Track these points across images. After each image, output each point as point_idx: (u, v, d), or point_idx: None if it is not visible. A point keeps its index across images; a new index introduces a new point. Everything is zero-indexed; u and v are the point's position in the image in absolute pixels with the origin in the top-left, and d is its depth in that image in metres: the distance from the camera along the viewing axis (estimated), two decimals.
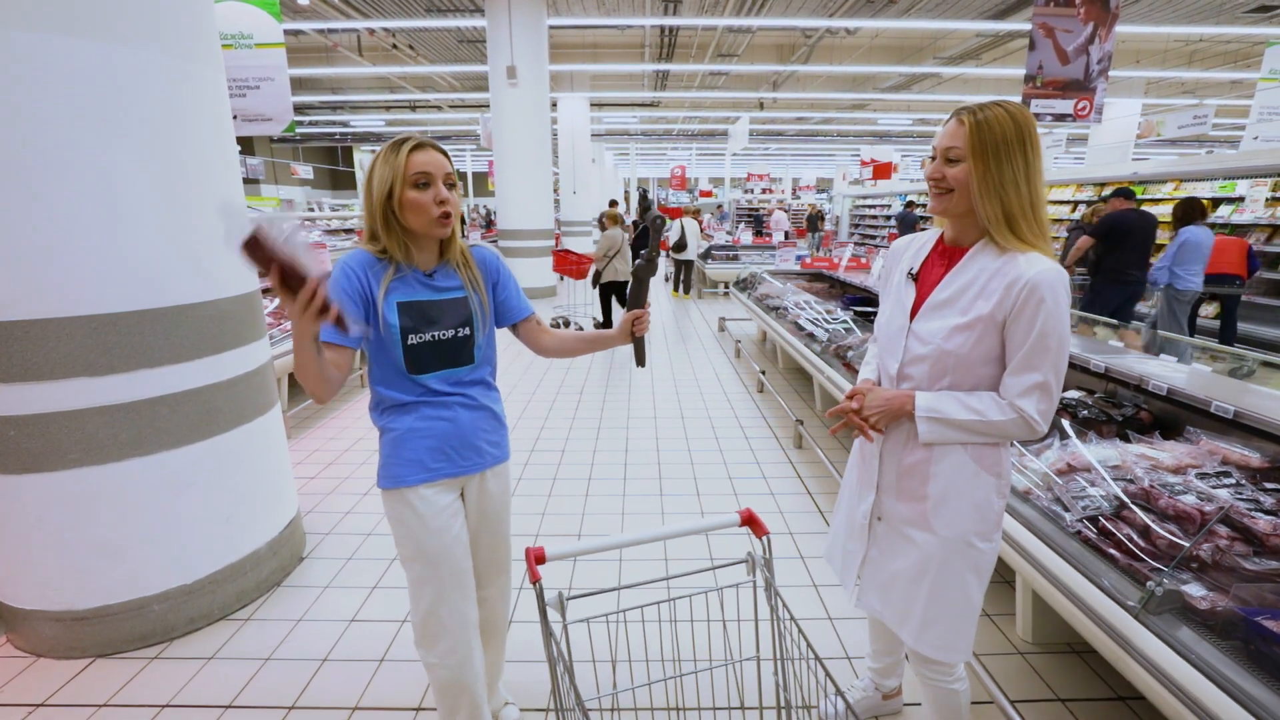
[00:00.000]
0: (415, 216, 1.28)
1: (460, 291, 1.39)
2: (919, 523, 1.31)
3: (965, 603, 1.31)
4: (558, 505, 3.10)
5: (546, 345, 1.56)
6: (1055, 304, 1.13)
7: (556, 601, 0.96)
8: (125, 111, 1.87)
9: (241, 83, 5.98)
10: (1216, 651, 1.27)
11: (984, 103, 1.19)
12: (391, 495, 1.40)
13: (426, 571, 1.40)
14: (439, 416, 1.39)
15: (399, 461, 1.38)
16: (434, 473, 1.39)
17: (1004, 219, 1.17)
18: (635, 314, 1.46)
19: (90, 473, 1.93)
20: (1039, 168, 1.17)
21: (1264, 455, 1.87)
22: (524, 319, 1.53)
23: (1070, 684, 1.92)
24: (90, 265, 1.85)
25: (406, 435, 1.37)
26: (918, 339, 1.28)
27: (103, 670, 1.99)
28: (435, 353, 1.35)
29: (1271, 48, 8.52)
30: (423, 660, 1.46)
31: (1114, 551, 1.60)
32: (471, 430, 1.43)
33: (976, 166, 1.16)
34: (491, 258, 1.49)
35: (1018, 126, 1.15)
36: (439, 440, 1.39)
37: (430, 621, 1.42)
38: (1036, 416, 1.17)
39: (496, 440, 1.51)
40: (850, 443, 3.22)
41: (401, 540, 1.41)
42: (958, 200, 1.21)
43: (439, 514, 1.40)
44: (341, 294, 1.25)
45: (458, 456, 1.42)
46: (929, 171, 1.24)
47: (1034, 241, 1.17)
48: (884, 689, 1.79)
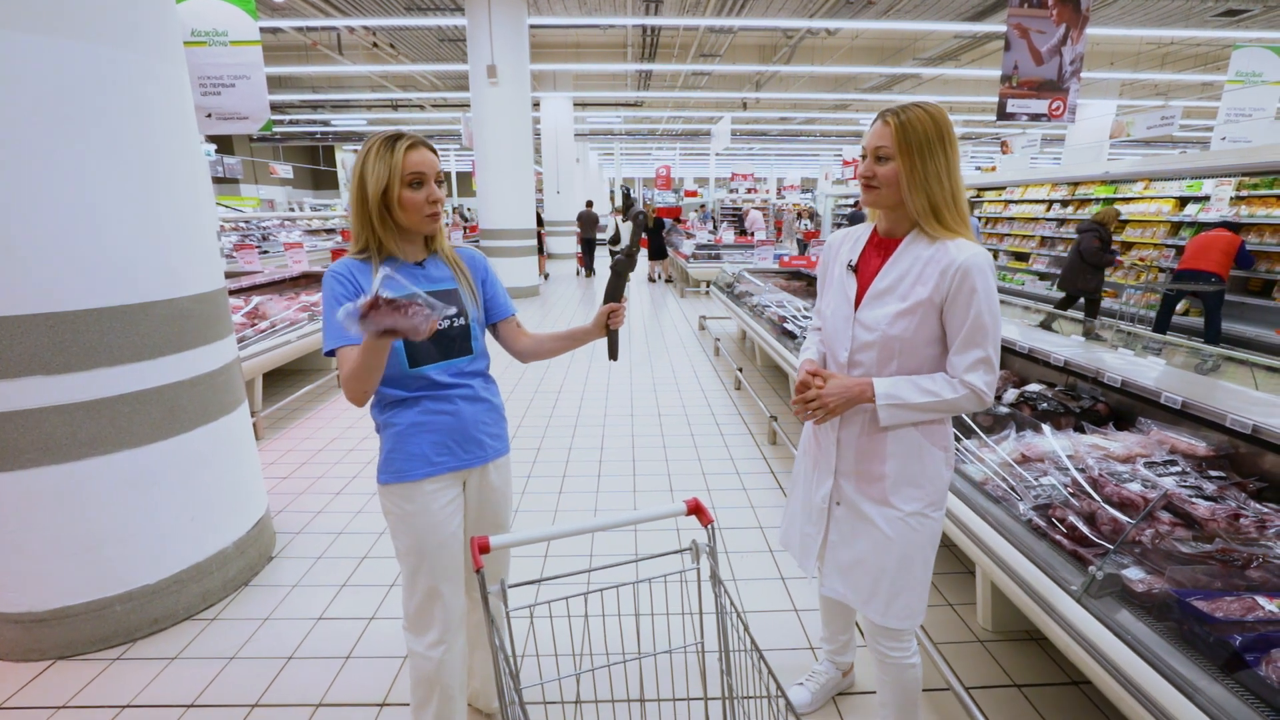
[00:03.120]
0: (409, 214, 1.31)
1: (451, 283, 1.41)
2: (879, 500, 1.38)
3: (924, 570, 1.39)
4: (531, 502, 3.10)
5: (524, 347, 1.57)
6: (985, 285, 1.23)
7: (499, 590, 0.97)
8: (85, 107, 1.85)
9: (216, 80, 5.89)
10: (1152, 633, 1.31)
11: (905, 104, 1.27)
12: (393, 490, 1.40)
13: (423, 565, 1.41)
14: (441, 410, 1.40)
15: (403, 456, 1.38)
16: (438, 466, 1.40)
17: (930, 210, 1.27)
18: (611, 307, 1.47)
19: (48, 472, 1.91)
20: (957, 162, 1.27)
21: (1210, 444, 1.93)
22: (506, 318, 1.55)
23: (1027, 670, 1.97)
24: (48, 262, 1.83)
25: (409, 430, 1.38)
26: (863, 327, 1.35)
27: (63, 672, 1.97)
28: (434, 342, 1.37)
29: (1239, 50, 8.73)
30: (408, 646, 1.48)
31: (1062, 538, 1.64)
32: (473, 423, 1.44)
33: (904, 163, 1.25)
34: (479, 256, 1.53)
35: (937, 125, 1.24)
36: (442, 434, 1.40)
37: (422, 614, 1.44)
38: (984, 388, 1.26)
39: (497, 433, 1.52)
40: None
41: (399, 534, 1.42)
42: (887, 195, 1.30)
43: (442, 508, 1.41)
44: (344, 301, 1.26)
45: (460, 450, 1.43)
46: (861, 170, 1.33)
47: (958, 229, 1.28)
48: (841, 666, 1.84)
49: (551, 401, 4.73)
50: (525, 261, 9.94)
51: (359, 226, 1.32)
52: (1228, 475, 1.81)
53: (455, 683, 1.51)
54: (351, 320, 0.96)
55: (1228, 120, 8.75)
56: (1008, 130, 17.18)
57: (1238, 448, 1.89)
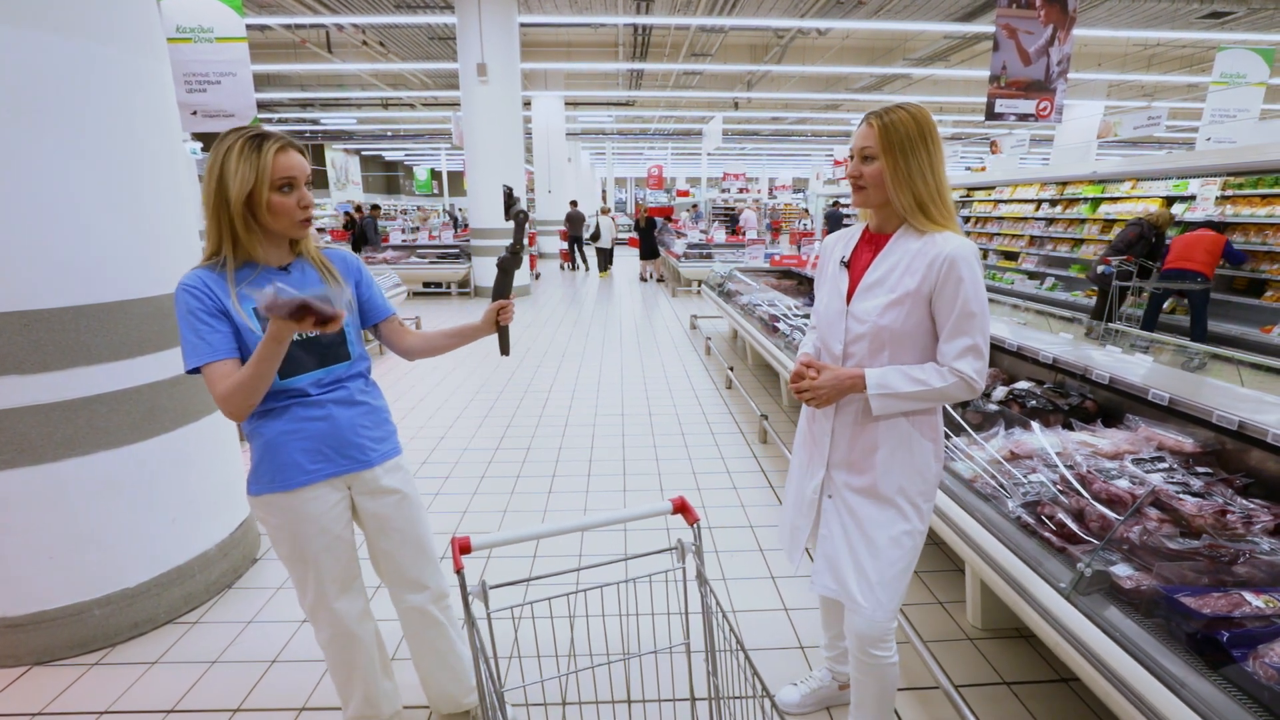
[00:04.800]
0: (278, 219, 1.24)
1: (321, 286, 1.32)
2: (868, 490, 1.40)
3: (910, 560, 1.40)
4: (520, 502, 3.08)
5: (411, 345, 1.53)
6: (972, 274, 1.26)
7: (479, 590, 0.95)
8: (63, 102, 1.81)
9: (202, 77, 5.83)
10: (1140, 629, 1.31)
11: (889, 106, 1.31)
12: (265, 501, 1.32)
13: (308, 572, 1.38)
14: (312, 417, 1.32)
15: (274, 466, 1.31)
16: (313, 474, 1.33)
17: (916, 206, 1.30)
18: (500, 304, 1.47)
19: (24, 474, 1.87)
20: (941, 159, 1.31)
21: (1197, 440, 1.93)
22: (386, 319, 1.52)
23: (1016, 668, 1.97)
24: (20, 259, 1.79)
25: (278, 440, 1.30)
26: (855, 319, 1.38)
27: (39, 678, 1.92)
28: (308, 351, 1.30)
29: (1223, 52, 8.82)
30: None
31: (1050, 535, 1.63)
32: (350, 428, 1.37)
33: (888, 162, 1.29)
34: (351, 258, 1.47)
35: (919, 125, 1.28)
36: (314, 441, 1.33)
37: (315, 615, 1.44)
38: (974, 375, 1.28)
39: (381, 435, 1.45)
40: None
41: (278, 542, 1.36)
42: (874, 194, 1.34)
43: (325, 512, 1.36)
44: (204, 316, 1.20)
45: (337, 456, 1.36)
46: (849, 170, 1.38)
47: (944, 222, 1.31)
48: (840, 678, 1.81)
49: (542, 401, 4.70)
50: None
51: (214, 229, 1.23)
52: (1215, 471, 1.81)
53: (371, 662, 1.53)
54: (269, 301, 0.97)
55: (1213, 121, 8.84)
56: (996, 130, 17.29)
57: (1224, 444, 1.89)
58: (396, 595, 1.57)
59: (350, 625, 1.45)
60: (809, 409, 1.57)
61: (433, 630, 1.60)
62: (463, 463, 3.54)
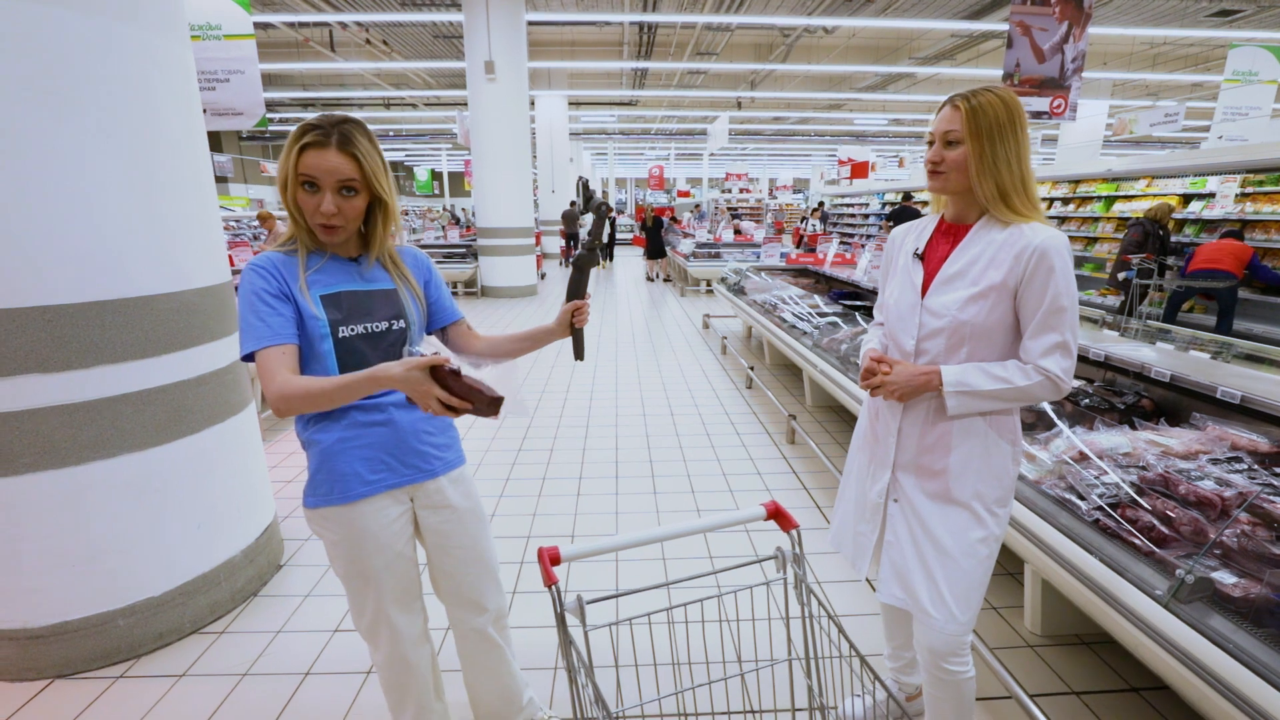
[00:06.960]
0: (308, 217, 1.16)
1: (389, 283, 1.26)
2: (940, 496, 1.32)
3: (986, 570, 1.32)
4: (548, 505, 2.99)
5: (479, 350, 1.43)
6: (1064, 266, 1.19)
7: (575, 606, 0.86)
8: (83, 85, 1.72)
9: (210, 75, 5.75)
10: (1252, 639, 1.23)
11: (975, 89, 1.24)
12: (322, 514, 1.23)
13: (368, 589, 1.29)
14: (371, 421, 1.22)
15: (331, 476, 1.21)
16: (373, 485, 1.24)
17: (999, 195, 1.23)
18: (575, 305, 1.36)
19: (46, 477, 1.78)
20: (1027, 147, 1.24)
21: (1271, 440, 1.85)
22: (454, 322, 1.42)
23: (1083, 676, 1.88)
24: (44, 252, 1.70)
25: (335, 447, 1.21)
26: (931, 313, 1.31)
27: (62, 692, 1.83)
28: (369, 346, 1.21)
29: (1235, 50, 8.78)
30: (370, 656, 1.41)
31: (1136, 539, 1.55)
32: (412, 433, 1.27)
33: (974, 148, 1.22)
34: (423, 256, 1.38)
35: (1009, 110, 1.21)
36: (375, 449, 1.23)
37: (373, 633, 1.35)
38: (1061, 374, 1.20)
39: (445, 443, 1.36)
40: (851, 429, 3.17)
41: (336, 558, 1.27)
42: (955, 180, 1.27)
43: (385, 527, 1.26)
44: (268, 297, 1.13)
45: (399, 465, 1.27)
46: (929, 155, 1.30)
47: (1028, 214, 1.23)
48: (907, 689, 1.72)
49: (560, 401, 4.62)
50: (523, 260, 9.81)
51: (290, 213, 1.18)
52: None
53: (425, 686, 1.44)
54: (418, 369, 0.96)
55: (1225, 119, 8.79)
56: None
57: None
58: (455, 616, 1.47)
59: (407, 649, 1.36)
60: (869, 409, 1.49)
61: (492, 654, 1.50)
62: (485, 464, 3.45)
